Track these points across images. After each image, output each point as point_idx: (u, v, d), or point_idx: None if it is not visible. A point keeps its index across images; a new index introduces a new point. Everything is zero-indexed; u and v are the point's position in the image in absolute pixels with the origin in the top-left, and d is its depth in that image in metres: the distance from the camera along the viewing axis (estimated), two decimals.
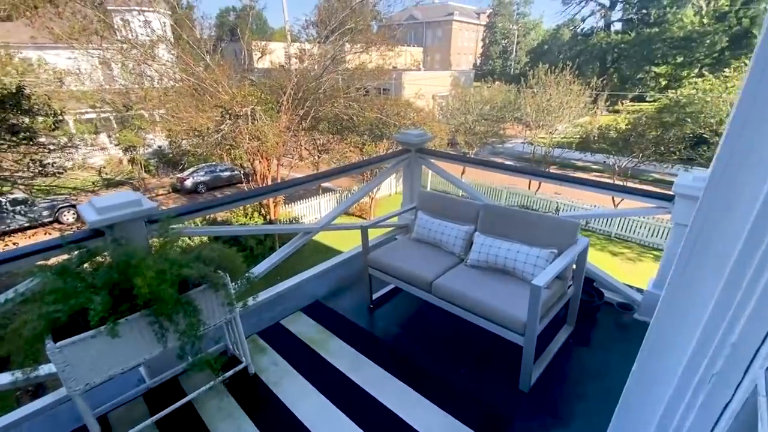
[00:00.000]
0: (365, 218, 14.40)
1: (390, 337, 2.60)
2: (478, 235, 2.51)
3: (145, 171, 18.25)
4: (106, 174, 15.50)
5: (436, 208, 2.86)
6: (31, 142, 6.25)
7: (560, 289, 2.27)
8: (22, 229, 12.09)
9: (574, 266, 2.42)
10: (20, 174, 7.32)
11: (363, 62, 11.82)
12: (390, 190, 17.41)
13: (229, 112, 8.40)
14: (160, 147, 19.36)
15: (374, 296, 2.90)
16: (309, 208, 14.86)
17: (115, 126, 17.75)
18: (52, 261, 1.88)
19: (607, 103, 21.04)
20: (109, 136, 17.67)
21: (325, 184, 16.28)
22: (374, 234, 3.73)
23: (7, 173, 7.20)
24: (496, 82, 24.36)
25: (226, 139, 9.20)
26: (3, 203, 9.57)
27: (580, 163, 21.12)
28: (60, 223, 13.49)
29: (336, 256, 3.52)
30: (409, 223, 3.76)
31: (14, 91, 5.57)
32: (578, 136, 17.13)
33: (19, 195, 9.61)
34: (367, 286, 2.85)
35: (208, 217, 10.29)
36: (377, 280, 2.78)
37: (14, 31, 12.53)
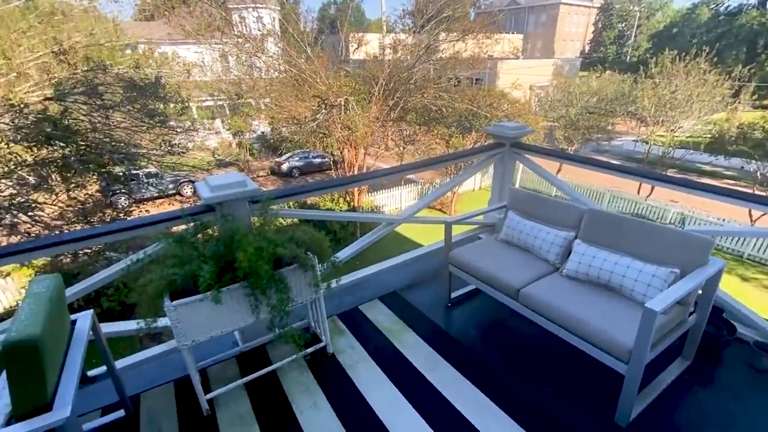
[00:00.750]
0: (445, 213, 14.15)
1: (467, 339, 2.49)
2: (579, 243, 2.24)
3: (249, 154, 20.28)
4: (219, 155, 17.57)
5: (531, 209, 2.64)
6: (163, 125, 7.34)
7: (679, 316, 1.92)
8: (152, 199, 14.34)
9: (700, 291, 2.04)
10: (154, 152, 8.65)
11: (457, 51, 11.47)
12: (474, 185, 16.83)
13: (325, 101, 8.85)
14: (263, 133, 21.34)
15: (453, 295, 2.80)
16: (390, 198, 15.10)
17: (227, 113, 20.01)
18: (172, 229, 2.16)
19: (754, 97, 17.41)
20: (222, 122, 20.00)
21: (408, 176, 16.35)
22: (456, 230, 3.60)
23: (143, 151, 8.57)
24: (607, 72, 21.73)
25: (320, 128, 9.74)
26: (140, 176, 11.39)
27: (707, 168, 17.96)
28: (181, 195, 15.71)
29: (415, 249, 3.48)
30: (496, 223, 3.56)
31: (153, 80, 6.60)
32: (709, 136, 14.52)
33: (151, 170, 11.33)
34: (447, 283, 2.77)
35: (300, 200, 11.11)
36: (457, 278, 2.67)
37: (155, 30, 14.77)
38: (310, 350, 2.31)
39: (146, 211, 8.65)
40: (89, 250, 6.51)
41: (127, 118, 6.95)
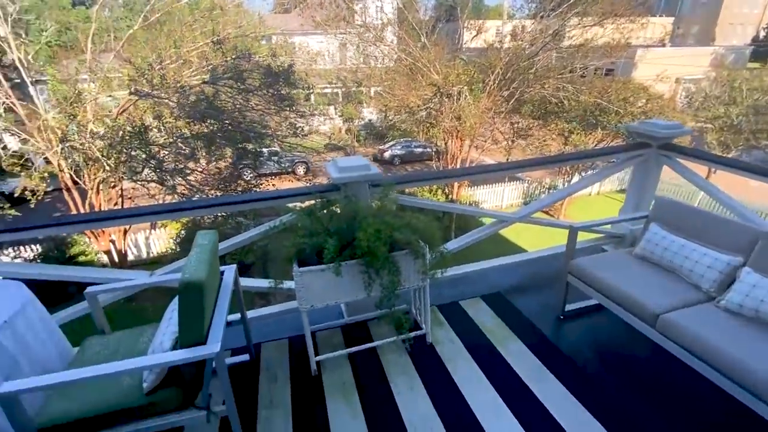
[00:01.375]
0: (553, 216, 13.02)
1: (580, 357, 2.26)
2: (750, 273, 1.83)
3: (356, 140, 21.34)
4: (334, 140, 18.81)
5: (682, 224, 2.24)
6: (291, 109, 8.14)
7: None
8: (270, 175, 16.12)
9: None
10: (279, 132, 9.68)
11: (592, 37, 10.23)
12: (590, 189, 15.12)
13: (441, 91, 8.78)
14: (370, 120, 22.21)
15: (568, 307, 2.56)
16: (491, 194, 14.46)
17: (340, 100, 21.28)
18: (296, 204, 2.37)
19: None
20: (335, 108, 21.36)
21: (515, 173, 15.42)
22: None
23: (270, 131, 9.64)
24: None
25: (429, 117, 9.74)
26: (264, 153, 12.84)
27: None
28: (295, 174, 17.34)
29: (521, 251, 3.26)
30: (627, 234, 3.13)
31: (286, 68, 7.35)
32: None
33: (273, 149, 12.64)
34: (561, 293, 2.53)
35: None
36: (575, 290, 2.42)
37: (289, 21, 16.31)
38: (411, 335, 2.35)
39: (273, 185, 9.74)
40: (225, 214, 7.61)
41: (261, 101, 7.87)
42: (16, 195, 9.27)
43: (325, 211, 2.18)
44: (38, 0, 10.68)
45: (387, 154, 18.73)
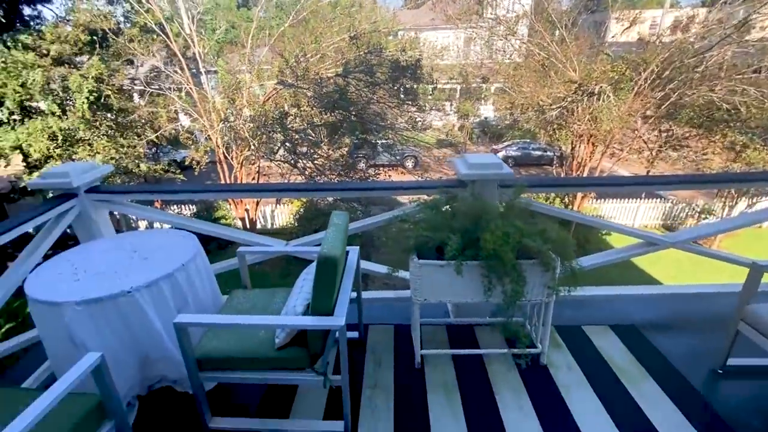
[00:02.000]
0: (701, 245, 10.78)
1: (744, 428, 1.81)
2: None
3: (469, 138, 20.80)
4: (451, 136, 18.66)
5: None
6: (413, 103, 8.30)
7: None
8: (380, 166, 16.74)
9: None
10: (398, 125, 9.97)
11: None
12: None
13: (582, 88, 7.93)
14: (486, 118, 21.39)
15: (731, 360, 2.07)
16: (621, 211, 12.65)
17: (458, 95, 20.92)
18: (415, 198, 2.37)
19: None
20: (451, 104, 21.08)
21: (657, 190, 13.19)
22: (732, 273, 2.61)
23: (388, 123, 9.98)
24: None
25: (558, 118, 8.90)
26: (378, 145, 13.37)
27: None
28: (403, 167, 17.73)
29: (657, 282, 2.75)
30: None
31: (414, 62, 7.51)
32: None
33: (388, 141, 13.05)
34: (724, 342, 2.06)
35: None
36: (745, 341, 1.94)
37: (419, 16, 16.55)
38: (522, 351, 2.18)
39: (389, 176, 10.13)
40: (339, 198, 8.21)
41: (385, 94, 8.19)
42: (186, 163, 11.47)
43: (448, 207, 2.14)
44: (214, 4, 12.82)
45: (500, 155, 17.84)
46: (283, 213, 13.66)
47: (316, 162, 8.32)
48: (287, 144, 8.25)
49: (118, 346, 1.75)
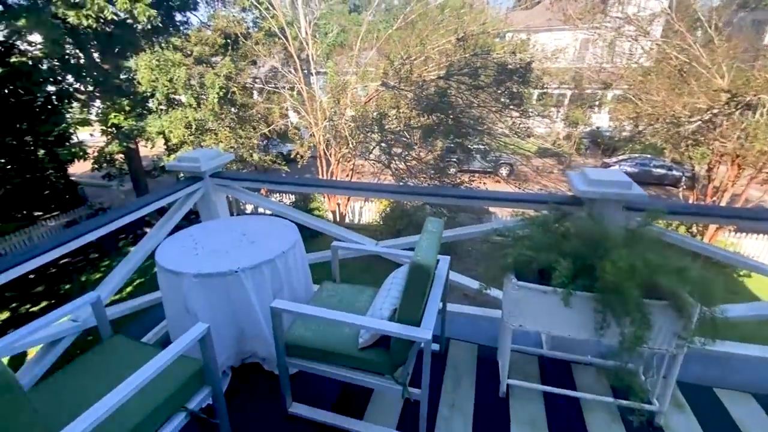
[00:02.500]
0: None
1: None
2: None
3: (577, 149, 18.95)
4: (559, 145, 17.24)
5: None
6: (516, 109, 7.82)
7: None
8: (473, 172, 16.15)
9: None
10: (495, 131, 9.50)
11: None
12: None
13: (736, 99, 6.61)
14: (598, 128, 19.27)
15: None
16: None
17: (566, 102, 19.20)
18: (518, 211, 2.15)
19: None
20: (558, 111, 19.41)
21: None
22: None
23: (486, 128, 9.56)
24: None
25: (696, 133, 7.54)
26: (472, 150, 12.92)
27: None
28: (497, 175, 16.86)
29: None
30: None
31: (524, 65, 7.04)
32: None
33: (482, 146, 12.52)
34: None
35: None
36: None
37: (532, 16, 15.57)
38: (634, 405, 1.85)
39: (483, 183, 9.77)
40: (427, 201, 8.10)
41: (488, 98, 7.85)
42: (291, 156, 12.54)
43: (558, 226, 1.91)
44: (329, 9, 13.69)
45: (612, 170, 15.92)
46: (371, 210, 14.07)
47: (408, 163, 8.37)
48: (382, 144, 8.44)
49: (222, 318, 1.92)
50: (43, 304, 9.37)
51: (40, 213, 13.76)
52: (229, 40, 11.22)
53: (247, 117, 11.43)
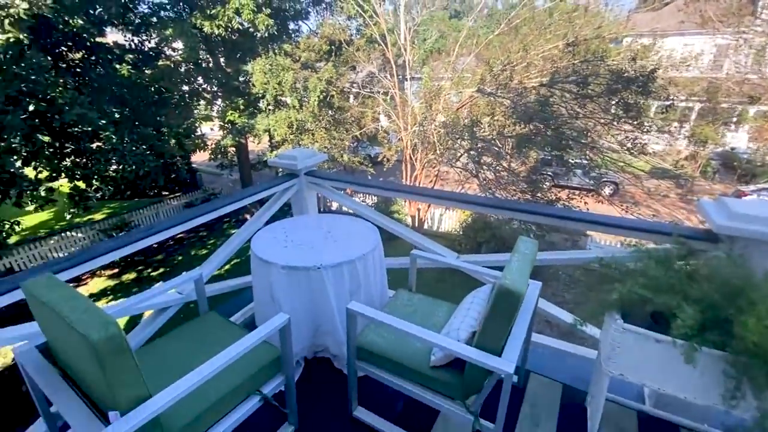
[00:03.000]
0: None
1: None
2: None
3: (701, 171, 16.25)
4: (663, 164, 15.08)
5: None
6: (632, 121, 6.93)
7: None
8: (568, 188, 14.73)
9: None
10: (601, 145, 8.54)
11: None
12: None
13: None
14: (732, 149, 16.28)
15: None
16: None
17: (693, 116, 16.53)
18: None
19: None
20: (682, 126, 16.79)
21: None
22: None
23: (589, 141, 8.63)
24: None
25: None
26: (570, 163, 11.76)
27: None
28: (598, 193, 15.17)
29: None
30: None
31: (647, 74, 6.18)
32: None
33: (581, 161, 11.29)
34: None
35: None
36: None
37: (659, 19, 13.70)
38: None
39: (584, 203, 8.88)
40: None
41: (596, 108, 7.10)
42: (378, 159, 12.89)
43: (683, 264, 1.59)
44: (429, 16, 13.74)
45: (748, 200, 13.29)
46: (451, 218, 13.77)
47: (498, 174, 7.96)
48: (471, 152, 8.18)
49: (301, 310, 1.99)
50: (161, 270, 11.00)
51: (167, 193, 16.24)
52: (333, 47, 11.95)
53: (341, 119, 12.04)
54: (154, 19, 11.56)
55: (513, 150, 8.39)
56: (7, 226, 8.25)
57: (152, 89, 12.41)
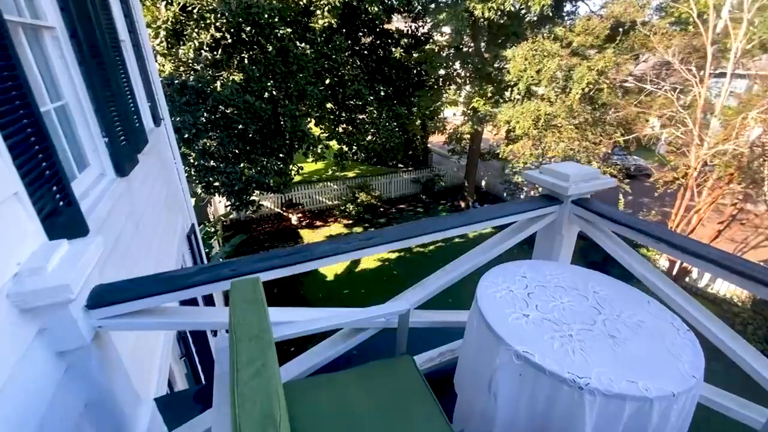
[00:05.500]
0: None
1: None
2: None
3: None
4: None
5: None
6: None
7: None
8: None
9: None
10: None
11: None
12: None
13: None
14: None
15: None
16: None
17: None
18: None
19: None
20: None
21: None
22: None
23: None
24: None
25: None
26: None
27: None
28: None
29: None
30: None
31: None
32: None
33: None
34: None
35: None
36: None
37: None
38: None
39: None
40: None
41: None
42: (633, 172, 10.04)
43: None
44: None
45: None
46: None
47: None
48: None
49: (524, 427, 1.27)
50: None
51: (401, 166, 17.99)
52: (621, 29, 9.70)
53: (602, 119, 9.87)
54: (432, 6, 12.28)
55: None
56: (294, 170, 10.83)
57: (414, 72, 13.48)
